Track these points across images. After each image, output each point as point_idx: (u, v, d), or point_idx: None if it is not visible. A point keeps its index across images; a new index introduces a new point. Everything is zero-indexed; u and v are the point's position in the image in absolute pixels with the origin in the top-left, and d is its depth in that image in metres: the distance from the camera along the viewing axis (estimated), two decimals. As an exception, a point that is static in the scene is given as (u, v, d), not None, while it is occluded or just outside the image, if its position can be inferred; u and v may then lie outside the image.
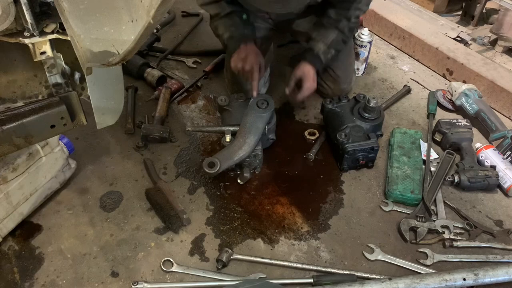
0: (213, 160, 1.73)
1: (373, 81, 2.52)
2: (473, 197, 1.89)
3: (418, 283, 1.48)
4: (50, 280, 1.57)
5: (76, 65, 1.43)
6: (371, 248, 1.68)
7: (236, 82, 2.21)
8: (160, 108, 2.21)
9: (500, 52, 2.78)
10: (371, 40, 2.45)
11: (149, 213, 1.80)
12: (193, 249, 1.68)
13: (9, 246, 1.66)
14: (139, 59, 2.46)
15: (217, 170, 1.73)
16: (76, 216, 1.78)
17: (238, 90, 2.19)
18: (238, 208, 1.83)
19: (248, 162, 1.89)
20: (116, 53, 1.10)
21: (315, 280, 1.55)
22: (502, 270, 1.53)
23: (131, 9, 1.02)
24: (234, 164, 1.84)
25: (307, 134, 2.15)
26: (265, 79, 2.28)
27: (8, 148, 1.35)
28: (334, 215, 1.81)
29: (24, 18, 1.18)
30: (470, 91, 2.23)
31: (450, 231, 1.72)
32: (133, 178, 1.94)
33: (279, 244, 1.70)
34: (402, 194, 1.83)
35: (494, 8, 3.10)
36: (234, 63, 1.96)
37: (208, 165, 1.73)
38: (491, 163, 1.95)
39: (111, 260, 1.63)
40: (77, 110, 1.43)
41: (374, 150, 1.92)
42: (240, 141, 1.81)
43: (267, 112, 1.87)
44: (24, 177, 1.62)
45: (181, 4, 3.12)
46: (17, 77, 1.45)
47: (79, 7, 1.09)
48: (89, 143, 2.08)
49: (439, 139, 2.10)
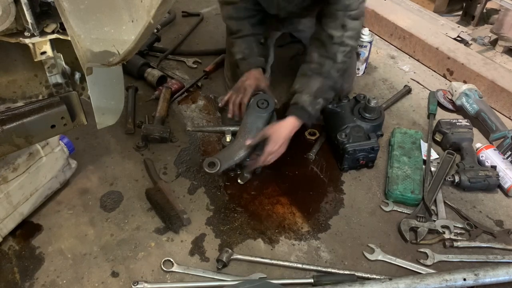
0: (213, 160, 1.73)
1: (374, 81, 2.52)
2: (473, 197, 1.89)
3: (418, 283, 1.48)
4: (51, 280, 1.57)
5: (76, 65, 1.43)
6: (371, 248, 1.68)
7: (235, 81, 2.21)
8: (161, 108, 2.21)
9: (501, 52, 2.78)
10: (371, 40, 2.45)
11: (149, 213, 1.80)
12: (193, 249, 1.68)
13: (10, 246, 1.66)
14: (140, 59, 2.46)
15: (218, 170, 1.73)
16: (77, 216, 1.78)
17: None
18: (238, 208, 1.83)
19: (248, 162, 1.89)
20: (116, 53, 1.10)
21: (315, 280, 1.55)
22: (503, 270, 1.53)
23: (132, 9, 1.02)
24: (234, 164, 1.84)
25: (307, 134, 2.15)
26: None
27: (8, 148, 1.35)
28: (335, 215, 1.81)
29: (24, 18, 1.18)
30: (470, 91, 2.23)
31: (450, 231, 1.72)
32: (133, 178, 1.94)
33: (279, 244, 1.70)
34: (402, 194, 1.83)
35: (495, 8, 3.10)
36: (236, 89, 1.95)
37: (208, 165, 1.73)
38: (492, 163, 1.95)
39: (111, 260, 1.63)
40: (78, 110, 1.43)
41: (375, 150, 1.92)
42: (240, 141, 1.81)
43: (267, 112, 1.87)
44: (24, 177, 1.62)
45: (181, 4, 3.12)
46: (17, 77, 1.45)
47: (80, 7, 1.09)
48: (90, 143, 2.08)
49: (439, 139, 2.10)
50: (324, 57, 1.82)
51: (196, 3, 3.21)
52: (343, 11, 1.75)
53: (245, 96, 1.90)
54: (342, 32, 1.77)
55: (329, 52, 1.81)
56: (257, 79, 1.95)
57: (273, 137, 1.77)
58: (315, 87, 1.82)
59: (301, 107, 1.81)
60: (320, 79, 1.83)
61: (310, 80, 1.84)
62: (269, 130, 1.79)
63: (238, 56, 2.00)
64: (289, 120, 1.81)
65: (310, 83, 1.83)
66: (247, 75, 1.96)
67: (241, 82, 1.95)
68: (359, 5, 1.76)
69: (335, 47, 1.80)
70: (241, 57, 1.99)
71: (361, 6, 1.78)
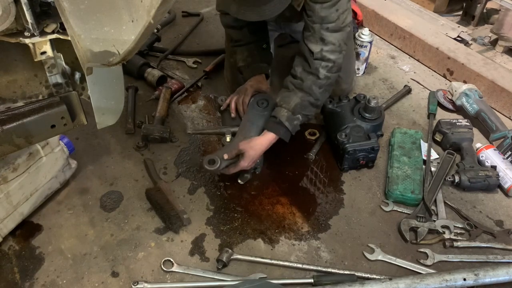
0: (213, 157, 1.73)
1: (374, 81, 2.52)
2: (473, 197, 1.89)
3: (418, 283, 1.48)
4: (51, 280, 1.57)
5: (76, 65, 1.43)
6: (371, 248, 1.68)
7: (236, 82, 2.21)
8: (161, 108, 2.21)
9: (501, 52, 2.78)
10: (371, 40, 2.45)
11: (149, 213, 1.80)
12: (193, 249, 1.68)
13: (10, 246, 1.66)
14: (140, 59, 2.46)
15: (218, 167, 1.73)
16: (77, 216, 1.78)
17: None
18: (238, 208, 1.83)
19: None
20: (116, 53, 1.10)
21: (315, 280, 1.55)
22: (503, 270, 1.53)
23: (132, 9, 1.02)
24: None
25: (307, 134, 2.15)
26: None
27: (8, 148, 1.35)
28: (335, 215, 1.81)
29: (24, 18, 1.18)
30: (470, 91, 2.23)
31: (450, 231, 1.72)
32: (133, 178, 1.94)
33: (279, 244, 1.70)
34: (402, 194, 1.83)
35: (495, 8, 3.10)
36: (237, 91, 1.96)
37: (208, 162, 1.73)
38: (492, 163, 1.95)
39: (111, 260, 1.63)
40: (78, 110, 1.43)
41: (375, 150, 1.92)
42: (241, 139, 1.81)
43: (267, 111, 1.87)
44: (24, 177, 1.62)
45: (181, 4, 3.12)
46: (17, 77, 1.45)
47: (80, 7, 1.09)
48: (90, 143, 2.08)
49: (439, 139, 2.10)
50: (307, 72, 1.77)
51: (196, 3, 3.21)
52: (320, 23, 1.69)
53: (246, 96, 1.92)
54: (321, 46, 1.71)
55: (312, 68, 1.75)
56: (259, 82, 1.97)
57: (248, 153, 1.74)
58: (293, 103, 1.77)
59: (279, 122, 1.77)
60: (301, 94, 1.77)
61: (290, 95, 1.79)
62: (245, 145, 1.75)
63: (240, 64, 2.01)
64: (266, 136, 1.79)
65: (290, 98, 1.78)
66: (251, 79, 1.98)
67: (243, 86, 1.97)
68: (339, 16, 1.68)
69: (316, 63, 1.74)
70: (244, 65, 1.99)
71: (342, 16, 1.70)
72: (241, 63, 2.00)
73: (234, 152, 1.75)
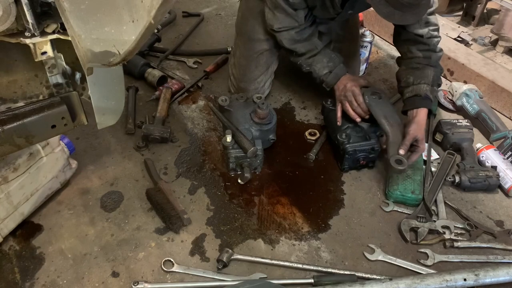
0: (399, 158, 1.76)
1: (374, 81, 2.52)
2: (473, 197, 1.89)
3: (418, 283, 1.48)
4: (51, 280, 1.57)
5: (77, 65, 1.43)
6: (371, 248, 1.68)
7: (242, 80, 2.22)
8: (161, 108, 2.21)
9: (501, 53, 2.78)
10: (371, 40, 2.45)
11: (150, 213, 1.80)
12: (193, 249, 1.68)
13: (10, 246, 1.66)
14: (140, 59, 2.46)
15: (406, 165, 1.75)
16: (77, 216, 1.78)
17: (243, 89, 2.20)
18: (238, 208, 1.83)
19: (248, 162, 1.89)
20: (117, 53, 1.10)
21: (315, 281, 1.55)
22: (503, 270, 1.53)
23: (132, 9, 1.02)
24: (235, 163, 1.87)
25: (307, 134, 2.15)
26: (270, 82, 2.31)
27: (9, 148, 1.35)
28: (335, 215, 1.81)
29: (25, 18, 1.18)
30: (471, 92, 2.23)
31: (450, 231, 1.72)
32: (133, 178, 1.94)
33: (279, 244, 1.70)
34: (402, 195, 1.83)
35: (495, 8, 3.10)
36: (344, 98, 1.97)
37: (396, 162, 1.74)
38: (492, 163, 1.95)
39: (112, 260, 1.63)
40: (78, 110, 1.43)
41: (375, 150, 1.92)
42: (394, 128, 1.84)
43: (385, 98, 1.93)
44: (25, 177, 1.62)
45: (182, 4, 3.12)
46: (18, 77, 1.45)
47: (80, 7, 1.09)
48: (90, 143, 2.08)
49: (440, 140, 2.10)
50: (427, 50, 1.94)
51: (196, 3, 3.22)
52: None
53: (358, 96, 1.93)
54: (427, 28, 1.91)
55: (430, 45, 1.93)
56: (354, 80, 2.00)
57: (422, 134, 1.86)
58: (430, 76, 1.93)
59: (425, 97, 1.90)
60: (433, 68, 1.94)
61: (424, 71, 1.93)
62: (415, 131, 1.84)
63: (323, 72, 2.02)
64: (421, 114, 1.89)
65: (424, 73, 1.93)
66: (341, 82, 2.00)
67: (342, 91, 1.98)
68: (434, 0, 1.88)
69: (430, 41, 1.93)
70: (328, 72, 2.02)
71: None
72: (324, 70, 2.02)
73: (409, 143, 1.82)
